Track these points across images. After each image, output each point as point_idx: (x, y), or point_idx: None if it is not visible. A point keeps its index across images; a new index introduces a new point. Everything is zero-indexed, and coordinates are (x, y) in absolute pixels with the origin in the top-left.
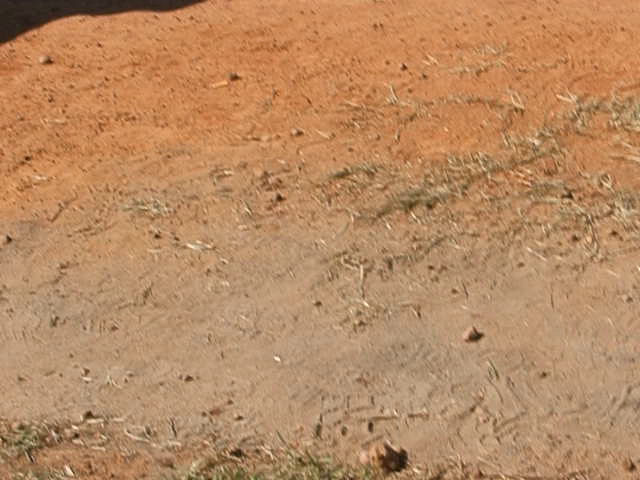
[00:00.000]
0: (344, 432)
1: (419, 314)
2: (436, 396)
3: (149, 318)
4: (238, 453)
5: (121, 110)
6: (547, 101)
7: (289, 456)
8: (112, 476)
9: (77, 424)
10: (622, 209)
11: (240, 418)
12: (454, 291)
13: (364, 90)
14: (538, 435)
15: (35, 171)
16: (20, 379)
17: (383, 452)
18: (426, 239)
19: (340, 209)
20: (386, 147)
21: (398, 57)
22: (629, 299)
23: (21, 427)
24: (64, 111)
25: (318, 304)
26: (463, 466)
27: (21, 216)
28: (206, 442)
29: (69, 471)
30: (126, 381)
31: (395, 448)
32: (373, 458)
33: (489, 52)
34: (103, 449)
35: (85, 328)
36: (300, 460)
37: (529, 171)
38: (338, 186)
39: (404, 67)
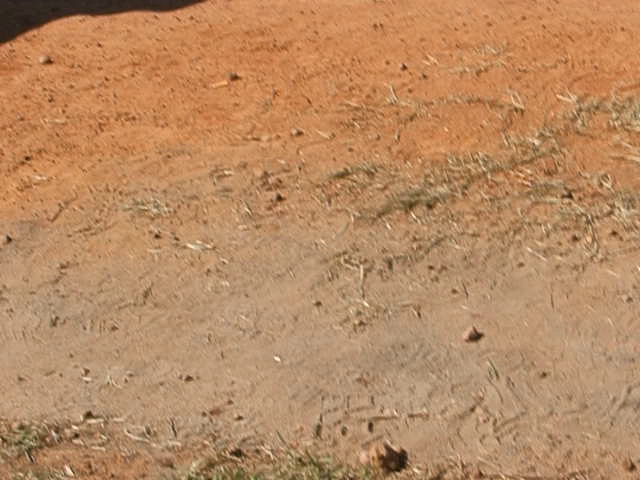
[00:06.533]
0: (344, 432)
1: (419, 314)
2: (436, 396)
3: (149, 318)
4: (238, 453)
5: (121, 110)
6: (547, 101)
7: (289, 456)
8: (112, 476)
9: (77, 424)
10: (622, 209)
11: (240, 418)
12: (454, 291)
13: (364, 90)
14: (538, 435)
15: (35, 171)
16: (20, 379)
17: (383, 452)
18: (426, 239)
19: (340, 209)
20: (386, 147)
21: (398, 57)
22: (629, 299)
23: (21, 427)
24: (64, 111)
25: (318, 304)
26: (463, 466)
27: (21, 216)
28: (206, 442)
29: (69, 471)
30: (126, 381)
31: (395, 448)
32: (373, 458)
33: (489, 52)
34: (103, 449)
35: (85, 328)
36: (300, 460)
37: (529, 171)
38: (338, 186)
39: (404, 67)
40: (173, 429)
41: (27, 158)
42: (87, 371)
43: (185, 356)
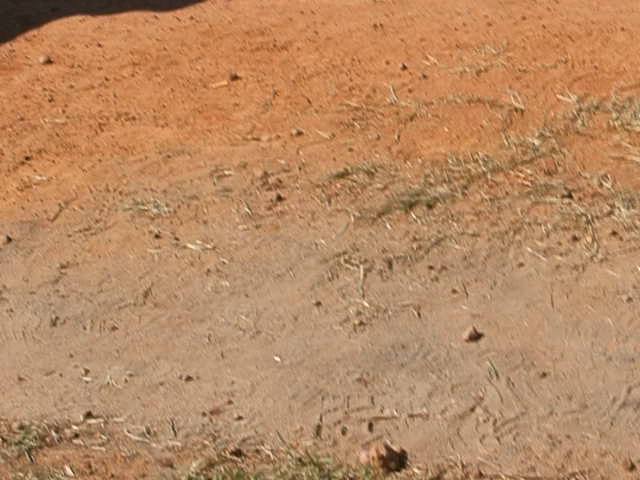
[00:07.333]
0: (344, 432)
1: (419, 314)
2: (436, 396)
3: (149, 318)
4: (238, 453)
5: (121, 110)
6: (547, 101)
7: (289, 456)
8: (112, 476)
9: (77, 424)
10: (622, 209)
11: (240, 418)
12: (454, 291)
13: (364, 90)
14: (538, 435)
15: (35, 171)
16: (20, 379)
17: (383, 452)
18: (426, 239)
19: (340, 209)
20: (386, 147)
21: (398, 57)
22: (629, 299)
23: (21, 427)
24: (64, 111)
25: (318, 304)
26: (463, 466)
27: (21, 216)
28: (206, 442)
29: (69, 471)
30: (126, 381)
31: (395, 448)
32: (373, 458)
33: (489, 52)
34: (103, 449)
35: (85, 328)
36: (300, 460)
37: (529, 171)
38: (338, 186)
39: (404, 67)
40: (173, 429)
41: (27, 158)
42: (87, 371)
43: (185, 356)
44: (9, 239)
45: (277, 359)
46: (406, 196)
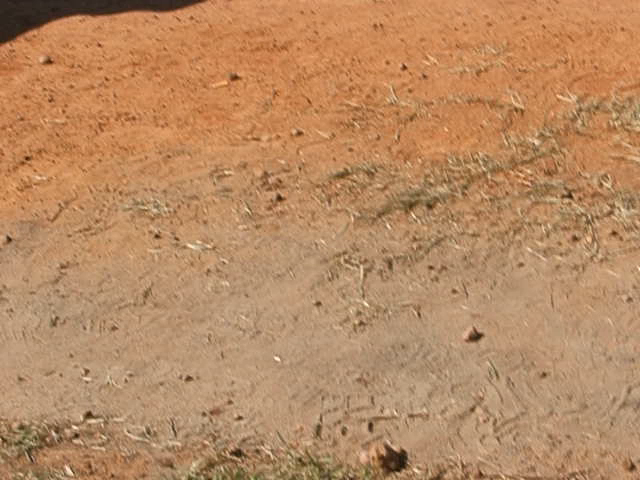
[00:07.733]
0: (344, 432)
1: (419, 314)
2: (436, 396)
3: (149, 318)
4: (238, 453)
5: (121, 110)
6: (547, 101)
7: (289, 456)
8: (112, 476)
9: (77, 424)
10: (622, 209)
11: (240, 418)
12: (454, 291)
13: (364, 90)
14: (538, 435)
15: (35, 171)
16: (20, 379)
17: (383, 452)
18: (426, 239)
19: (340, 209)
20: (386, 147)
21: (398, 57)
22: (629, 299)
23: (21, 427)
24: (64, 111)
25: (318, 304)
26: (463, 466)
27: (21, 216)
28: (206, 442)
29: (69, 471)
30: (126, 381)
31: (395, 448)
32: (373, 458)
33: (489, 52)
34: (103, 449)
35: (85, 328)
36: (300, 460)
37: (529, 171)
38: (338, 186)
39: (404, 67)
40: (173, 429)
41: (27, 158)
42: (87, 371)
43: (185, 356)
44: (9, 239)
45: (277, 359)
46: (406, 196)
